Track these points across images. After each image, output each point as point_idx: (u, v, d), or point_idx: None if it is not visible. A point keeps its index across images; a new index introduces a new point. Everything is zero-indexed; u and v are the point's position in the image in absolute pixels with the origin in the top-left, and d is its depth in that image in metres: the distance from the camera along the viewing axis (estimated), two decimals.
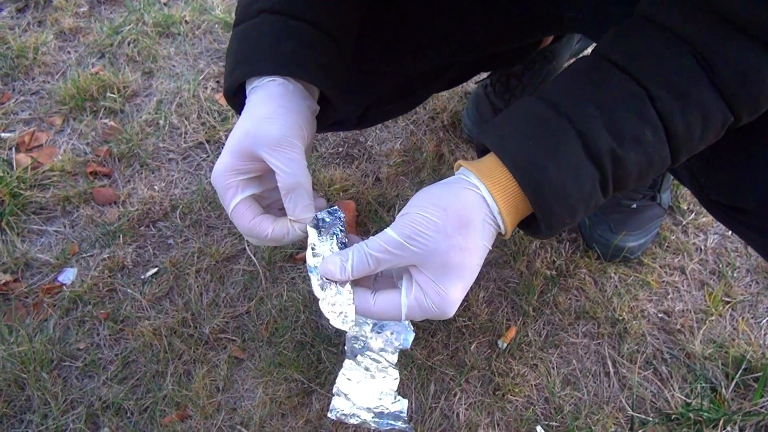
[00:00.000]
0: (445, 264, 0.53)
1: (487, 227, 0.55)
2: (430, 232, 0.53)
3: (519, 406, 0.98)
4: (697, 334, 1.05)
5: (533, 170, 0.52)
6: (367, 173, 1.27)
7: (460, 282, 0.54)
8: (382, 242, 0.55)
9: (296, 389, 1.00)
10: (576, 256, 1.14)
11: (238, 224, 0.61)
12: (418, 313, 0.56)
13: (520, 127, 0.55)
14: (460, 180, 0.56)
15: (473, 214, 0.54)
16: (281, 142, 0.58)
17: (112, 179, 1.28)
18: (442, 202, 0.54)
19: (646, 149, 0.53)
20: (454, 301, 0.55)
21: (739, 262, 1.14)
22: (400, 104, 1.00)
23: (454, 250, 0.53)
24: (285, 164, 0.58)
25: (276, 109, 0.59)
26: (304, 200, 0.59)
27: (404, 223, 0.54)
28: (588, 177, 0.52)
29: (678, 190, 1.22)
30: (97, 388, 1.01)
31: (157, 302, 1.10)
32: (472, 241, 0.54)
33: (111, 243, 1.18)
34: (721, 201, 0.77)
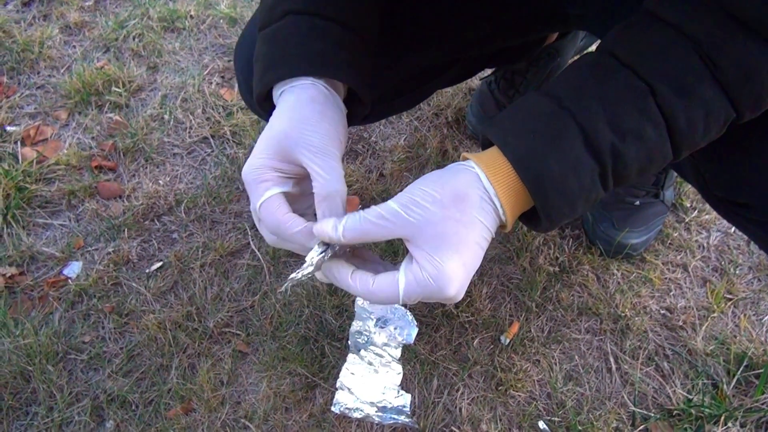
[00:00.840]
0: (440, 234, 0.53)
1: (484, 206, 0.54)
2: (427, 203, 0.53)
3: (521, 402, 0.99)
4: (699, 330, 1.05)
5: (533, 162, 0.53)
6: (371, 169, 1.28)
7: (457, 255, 0.53)
8: (378, 209, 0.55)
9: (300, 383, 1.00)
10: (579, 252, 1.15)
11: (266, 218, 0.60)
12: (416, 289, 0.54)
13: (523, 120, 0.55)
14: (458, 164, 0.57)
15: (469, 190, 0.54)
16: (322, 149, 0.58)
17: (117, 173, 1.29)
18: (441, 180, 0.55)
19: (647, 145, 0.53)
20: (450, 276, 0.53)
21: (741, 259, 1.14)
22: (404, 99, 1.00)
23: (449, 221, 0.53)
24: (326, 171, 0.58)
25: (315, 115, 0.60)
26: (339, 208, 0.59)
27: (402, 195, 0.55)
28: (588, 170, 0.53)
29: (681, 188, 1.23)
30: (102, 381, 1.02)
31: (162, 296, 1.11)
32: (468, 214, 0.53)
33: (116, 237, 1.19)
34: (725, 197, 0.77)
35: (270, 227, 0.59)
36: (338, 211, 0.58)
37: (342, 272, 0.57)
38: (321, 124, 0.59)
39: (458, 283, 0.53)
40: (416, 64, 0.91)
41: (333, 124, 0.60)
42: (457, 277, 0.53)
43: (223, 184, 1.26)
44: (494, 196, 0.54)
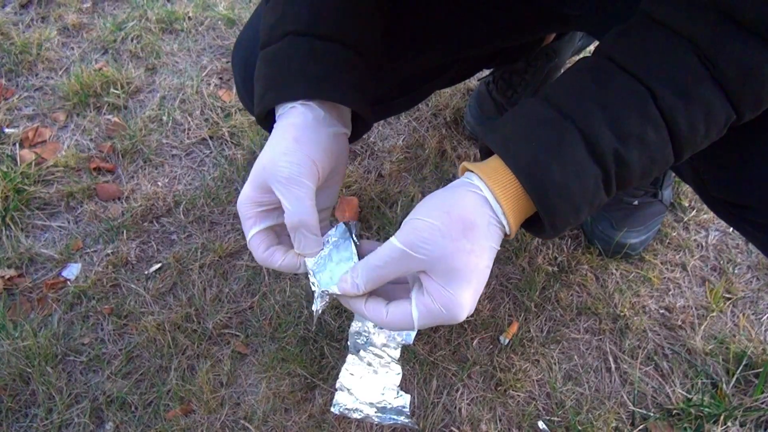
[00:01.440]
0: (451, 268, 0.53)
1: (492, 229, 0.55)
2: (435, 237, 0.53)
3: (521, 401, 0.99)
4: (698, 330, 1.05)
5: (537, 171, 0.52)
6: (369, 169, 1.28)
7: (468, 285, 0.54)
8: (386, 254, 0.55)
9: (299, 384, 1.00)
10: (578, 252, 1.15)
11: (253, 254, 0.64)
12: (429, 319, 0.55)
13: (524, 128, 0.55)
14: (463, 183, 0.56)
15: (477, 217, 0.54)
16: (290, 180, 0.59)
17: (116, 175, 1.29)
18: (445, 206, 0.54)
19: (650, 148, 0.53)
20: (463, 305, 0.54)
21: (740, 258, 1.14)
22: (403, 101, 1.00)
23: (459, 254, 0.53)
24: (290, 202, 0.59)
25: (289, 145, 0.60)
26: (307, 238, 0.61)
27: (408, 231, 0.54)
28: (591, 177, 0.53)
29: (679, 187, 1.23)
30: (102, 382, 1.02)
31: (161, 297, 1.11)
32: (478, 244, 0.54)
33: (115, 238, 1.19)
34: (723, 198, 0.77)
35: (257, 258, 0.63)
36: (308, 239, 0.61)
37: (356, 303, 0.60)
38: (294, 154, 0.59)
39: (469, 308, 0.55)
40: (414, 66, 0.91)
41: (308, 151, 0.60)
42: (467, 304, 0.55)
43: (221, 185, 1.26)
44: (502, 215, 0.54)
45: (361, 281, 0.57)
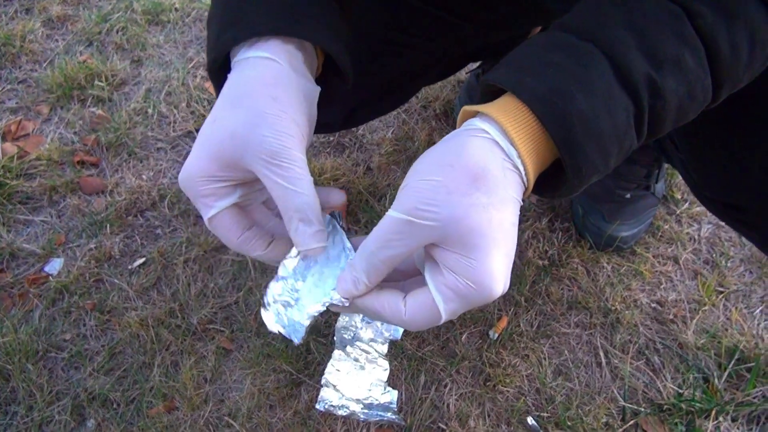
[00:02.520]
0: (469, 230, 0.43)
1: (509, 175, 0.44)
2: (440, 196, 0.43)
3: (510, 397, 0.97)
4: (690, 324, 1.04)
5: (558, 100, 0.43)
6: (358, 162, 1.26)
7: (496, 246, 0.43)
8: (385, 231, 0.45)
9: (285, 380, 0.98)
10: (568, 245, 1.13)
11: (222, 238, 0.51)
12: (459, 303, 0.45)
13: (538, 56, 0.46)
14: (464, 130, 0.46)
15: (489, 162, 0.44)
16: (280, 154, 0.47)
17: (100, 168, 1.26)
18: (447, 159, 0.44)
19: (687, 76, 0.45)
20: (494, 274, 0.43)
21: (732, 251, 1.13)
22: (387, 102, 0.97)
23: (475, 210, 0.43)
24: (290, 182, 0.47)
25: (268, 106, 0.48)
26: (313, 226, 0.49)
27: (406, 196, 0.44)
28: (622, 110, 0.44)
29: (672, 180, 1.21)
30: (83, 379, 1.00)
31: (145, 293, 1.09)
32: (496, 195, 0.43)
33: (98, 233, 1.16)
34: (714, 197, 0.76)
35: (228, 245, 0.52)
36: (314, 228, 0.49)
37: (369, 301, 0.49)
38: (278, 119, 0.48)
39: (504, 278, 0.44)
40: (399, 68, 0.88)
41: (293, 115, 0.49)
42: (501, 272, 0.44)
43: None
44: (517, 158, 0.45)
45: (361, 274, 0.47)
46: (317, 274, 0.54)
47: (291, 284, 0.53)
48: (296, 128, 0.49)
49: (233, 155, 0.48)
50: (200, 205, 0.50)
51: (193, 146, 0.50)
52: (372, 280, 0.47)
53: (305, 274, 0.54)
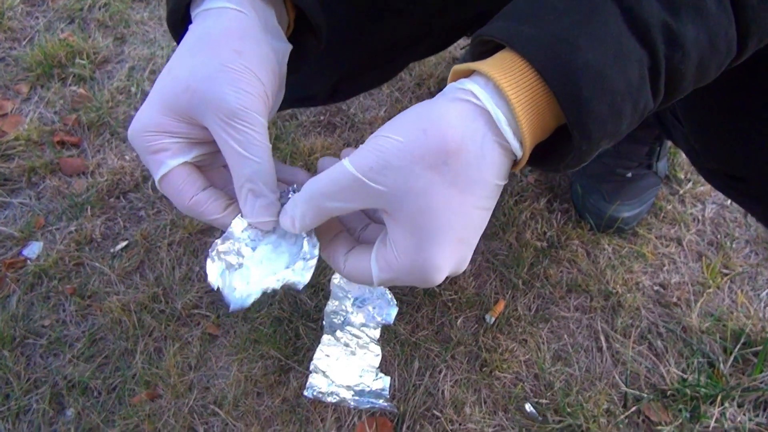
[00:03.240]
0: (422, 210, 0.39)
1: (489, 153, 0.40)
2: (402, 162, 0.38)
3: (507, 383, 0.93)
4: (694, 307, 1.00)
5: (561, 50, 0.38)
6: (349, 142, 1.21)
7: (445, 237, 0.40)
8: (333, 179, 0.41)
9: (273, 367, 0.94)
10: (568, 227, 1.09)
11: (172, 200, 0.47)
12: (392, 278, 0.42)
13: (537, 4, 0.41)
14: (450, 90, 0.41)
15: (465, 135, 0.39)
16: (238, 115, 0.43)
17: (81, 149, 1.22)
18: (422, 122, 0.39)
19: (708, 22, 0.39)
20: (437, 262, 0.40)
21: (738, 232, 1.09)
22: (375, 75, 0.92)
23: (435, 189, 0.39)
24: (244, 146, 0.44)
25: (230, 59, 0.44)
26: (264, 198, 0.46)
27: (366, 151, 0.40)
28: (635, 60, 0.38)
29: (675, 159, 1.17)
30: (63, 366, 0.96)
31: (127, 277, 1.05)
32: (465, 175, 0.39)
33: (79, 215, 1.12)
34: (717, 169, 0.73)
35: (180, 208, 0.48)
36: (266, 200, 0.46)
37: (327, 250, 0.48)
38: (241, 74, 0.44)
39: (448, 269, 0.42)
40: (386, 36, 0.83)
41: (258, 72, 0.45)
42: (447, 261, 0.41)
43: None
44: (506, 125, 0.39)
45: (297, 212, 0.44)
46: (271, 246, 0.50)
47: (237, 247, 0.49)
48: (260, 88, 0.45)
49: (188, 110, 0.44)
50: (150, 162, 0.46)
51: (148, 96, 0.46)
52: (304, 224, 0.44)
53: (257, 242, 0.49)
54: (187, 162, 0.47)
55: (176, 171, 0.46)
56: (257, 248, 0.49)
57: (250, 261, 0.49)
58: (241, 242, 0.49)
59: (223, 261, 0.49)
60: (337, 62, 0.81)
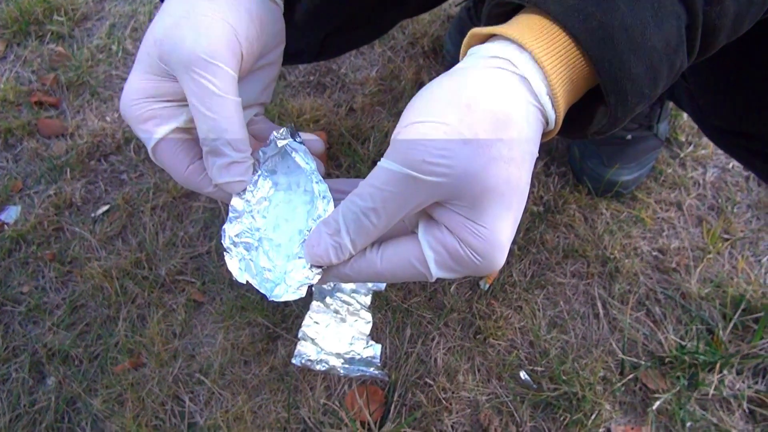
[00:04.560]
0: (486, 190, 0.35)
1: (533, 122, 0.37)
2: (455, 146, 0.35)
3: (501, 351, 0.91)
4: (694, 273, 0.97)
5: (596, 10, 0.35)
6: (339, 103, 1.17)
7: (509, 212, 0.37)
8: (379, 186, 0.36)
9: (260, 334, 0.92)
10: (565, 191, 1.06)
11: (169, 171, 0.44)
12: (453, 268, 0.39)
13: None
14: (479, 58, 0.37)
15: (511, 106, 0.35)
16: (195, 63, 0.39)
17: (60, 110, 1.17)
18: (461, 97, 0.35)
19: None
20: (502, 243, 0.37)
21: (739, 196, 1.06)
22: (365, 31, 0.87)
23: (495, 166, 0.35)
24: (198, 99, 0.40)
25: (199, 3, 0.41)
26: (224, 157, 0.41)
27: (407, 144, 0.35)
28: (673, 18, 0.36)
29: (676, 121, 1.13)
30: (43, 334, 0.93)
31: (109, 242, 1.01)
32: (518, 149, 0.36)
33: (58, 178, 1.08)
34: (723, 127, 0.69)
35: (177, 181, 0.45)
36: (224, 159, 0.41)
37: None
38: (203, 19, 0.40)
39: (508, 249, 0.39)
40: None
41: (230, 16, 0.41)
42: (509, 242, 0.38)
43: None
44: (545, 95, 0.37)
45: (345, 238, 0.38)
46: (283, 205, 0.46)
47: (249, 223, 0.45)
48: (229, 34, 0.41)
49: (161, 65, 0.41)
50: (141, 133, 0.43)
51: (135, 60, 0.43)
52: (359, 247, 0.39)
53: (267, 206, 0.45)
54: (180, 128, 0.44)
55: (168, 139, 0.43)
56: (269, 213, 0.45)
57: (268, 231, 0.45)
58: (250, 215, 0.45)
59: (240, 246, 0.44)
60: (326, 16, 0.77)
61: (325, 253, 0.39)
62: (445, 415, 0.85)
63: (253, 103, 0.47)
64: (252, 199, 0.45)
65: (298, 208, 0.45)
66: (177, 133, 0.44)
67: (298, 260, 0.42)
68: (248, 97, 0.46)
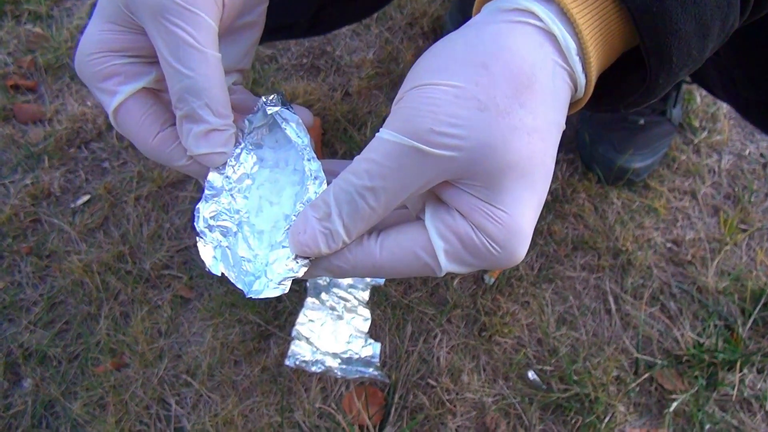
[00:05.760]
0: (506, 165, 0.30)
1: (561, 87, 0.31)
2: (470, 113, 0.29)
3: (508, 349, 0.86)
4: (710, 265, 0.92)
5: None
6: (335, 87, 1.11)
7: (532, 194, 0.32)
8: (377, 159, 0.31)
9: (251, 333, 0.86)
10: (574, 179, 1.00)
11: (132, 139, 0.38)
12: (465, 260, 0.32)
13: None
14: (498, 11, 0.32)
15: (536, 66, 0.30)
16: (169, 9, 0.33)
17: (38, 94, 1.10)
18: (477, 55, 0.30)
19: None
20: (525, 231, 0.32)
21: (756, 184, 1.01)
22: (359, 4, 0.82)
23: (516, 137, 0.30)
24: (172, 53, 0.33)
25: None
26: (205, 123, 0.35)
27: (411, 111, 0.30)
28: None
29: (690, 106, 1.08)
30: (18, 333, 0.87)
31: (90, 234, 0.95)
32: (543, 115, 0.31)
33: (35, 167, 1.01)
34: (759, 98, 0.65)
35: (143, 150, 0.38)
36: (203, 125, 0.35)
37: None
38: None
39: (530, 238, 0.33)
40: None
41: None
42: (531, 230, 0.32)
43: None
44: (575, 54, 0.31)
45: (338, 224, 0.32)
46: (268, 184, 0.39)
47: (227, 203, 0.38)
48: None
49: (125, 13, 0.34)
50: (100, 93, 0.36)
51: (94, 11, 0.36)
52: (354, 235, 0.33)
53: (249, 184, 0.39)
54: (147, 88, 0.37)
55: (133, 100, 0.36)
56: (252, 194, 0.39)
57: (250, 214, 0.39)
58: (230, 193, 0.38)
59: (216, 230, 0.38)
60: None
61: (312, 240, 0.33)
62: (449, 418, 0.80)
63: (231, 69, 0.40)
64: (233, 176, 0.38)
65: (286, 190, 0.39)
66: (143, 94, 0.37)
67: (282, 250, 0.36)
68: (226, 62, 0.39)
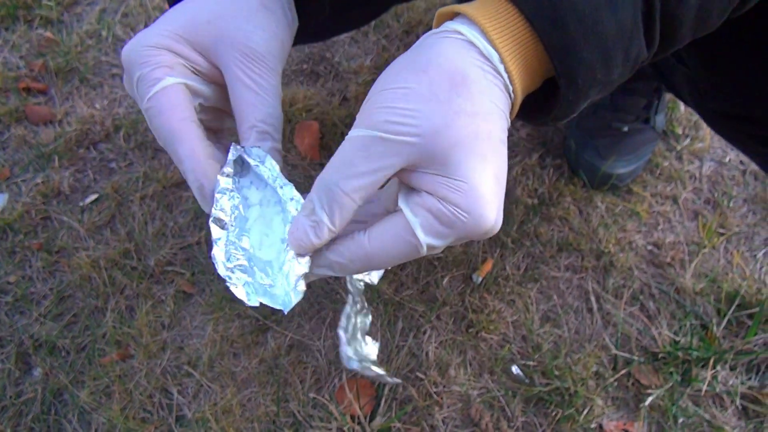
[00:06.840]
0: (455, 142, 0.36)
1: (491, 85, 0.37)
2: (418, 104, 0.36)
3: (494, 345, 0.90)
4: (689, 267, 0.96)
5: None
6: (333, 92, 1.15)
7: (484, 164, 0.36)
8: (348, 155, 0.37)
9: (250, 326, 0.90)
10: (560, 183, 1.04)
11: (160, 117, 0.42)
12: (441, 231, 0.37)
13: None
14: (434, 32, 0.40)
15: (466, 67, 0.37)
16: (260, 56, 0.42)
17: (48, 96, 1.15)
18: (417, 65, 0.37)
19: None
20: (486, 196, 0.36)
21: (735, 191, 1.05)
22: (359, 12, 0.86)
23: (459, 118, 0.36)
24: (262, 88, 0.43)
25: (258, 7, 0.44)
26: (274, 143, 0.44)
27: (370, 110, 0.37)
28: (629, 4, 0.35)
29: (673, 114, 1.12)
30: (29, 325, 0.91)
31: (97, 231, 0.99)
32: (480, 103, 0.36)
33: (46, 166, 1.06)
34: (723, 110, 0.68)
35: (163, 131, 0.42)
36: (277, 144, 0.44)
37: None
38: (268, 22, 0.44)
39: (497, 205, 0.37)
40: None
41: (279, 28, 0.45)
42: (494, 196, 0.37)
43: None
44: (499, 62, 0.37)
45: (322, 214, 0.38)
46: (260, 220, 0.44)
47: (234, 243, 0.43)
48: (281, 45, 0.45)
49: (205, 39, 0.43)
50: (145, 77, 0.42)
51: (152, 25, 0.44)
52: (337, 222, 0.38)
53: (246, 226, 0.44)
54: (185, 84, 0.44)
55: (176, 86, 0.43)
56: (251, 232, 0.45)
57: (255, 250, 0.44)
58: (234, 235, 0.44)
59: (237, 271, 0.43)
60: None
61: (303, 234, 0.39)
62: (436, 410, 0.84)
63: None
64: (230, 223, 0.44)
65: (274, 219, 0.44)
66: (184, 87, 0.43)
67: (288, 263, 0.41)
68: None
